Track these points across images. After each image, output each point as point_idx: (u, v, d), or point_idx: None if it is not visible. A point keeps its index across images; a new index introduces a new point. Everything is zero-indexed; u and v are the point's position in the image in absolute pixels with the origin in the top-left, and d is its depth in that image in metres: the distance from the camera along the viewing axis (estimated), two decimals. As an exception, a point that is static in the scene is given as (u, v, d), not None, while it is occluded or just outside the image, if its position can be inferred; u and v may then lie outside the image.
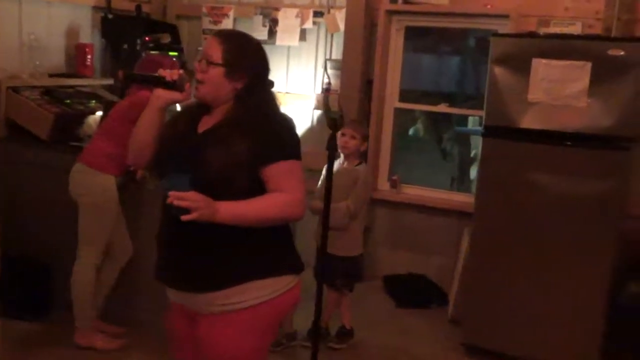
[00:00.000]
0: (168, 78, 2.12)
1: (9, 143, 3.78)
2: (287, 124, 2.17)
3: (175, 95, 2.14)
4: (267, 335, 2.21)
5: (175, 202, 1.89)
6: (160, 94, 2.15)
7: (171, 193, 1.90)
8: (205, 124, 2.18)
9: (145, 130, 2.18)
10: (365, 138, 3.83)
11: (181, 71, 2.14)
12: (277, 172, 2.07)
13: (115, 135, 3.34)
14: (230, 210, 1.99)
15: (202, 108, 2.20)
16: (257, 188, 2.06)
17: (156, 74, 2.14)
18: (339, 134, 3.58)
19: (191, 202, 1.90)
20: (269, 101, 2.21)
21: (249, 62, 2.18)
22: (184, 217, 1.91)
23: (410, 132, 8.53)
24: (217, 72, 2.12)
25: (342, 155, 3.79)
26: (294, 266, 2.22)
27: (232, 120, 2.12)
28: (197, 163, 2.04)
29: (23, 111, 3.95)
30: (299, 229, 3.82)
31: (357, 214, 3.72)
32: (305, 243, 4.17)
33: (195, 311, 2.17)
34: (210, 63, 2.12)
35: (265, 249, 2.13)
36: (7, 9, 4.05)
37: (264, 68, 2.25)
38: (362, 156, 3.89)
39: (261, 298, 2.11)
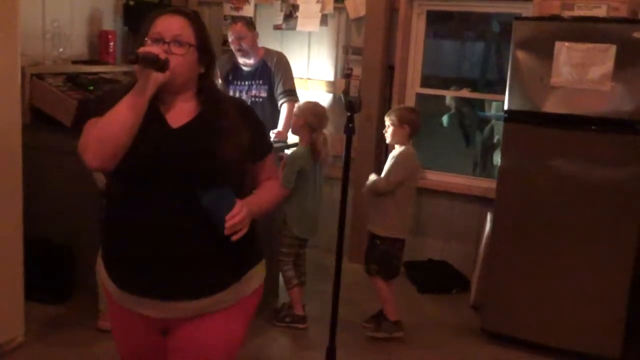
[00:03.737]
0: (162, 56, 1.80)
1: (33, 129, 3.81)
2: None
3: (161, 76, 1.82)
4: (249, 324, 2.10)
5: (233, 228, 1.78)
6: (157, 77, 1.80)
7: (230, 222, 1.77)
8: (174, 115, 1.91)
9: (131, 126, 1.79)
10: (401, 121, 3.80)
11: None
12: (270, 162, 2.09)
13: None
14: (257, 208, 1.93)
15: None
16: (247, 180, 2.04)
17: (149, 52, 1.79)
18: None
19: (244, 220, 1.81)
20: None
21: (212, 45, 2.01)
22: (236, 237, 1.81)
23: (445, 121, 8.42)
24: (194, 56, 1.90)
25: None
26: (262, 252, 2.16)
27: (219, 109, 1.94)
28: (205, 161, 1.84)
29: (47, 98, 3.99)
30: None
31: (386, 191, 3.75)
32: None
33: (179, 319, 1.93)
34: (190, 45, 1.88)
35: (252, 237, 2.04)
36: (31, -4, 4.10)
37: None
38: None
39: (254, 286, 2.04)
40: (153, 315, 1.92)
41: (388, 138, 3.89)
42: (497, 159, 6.91)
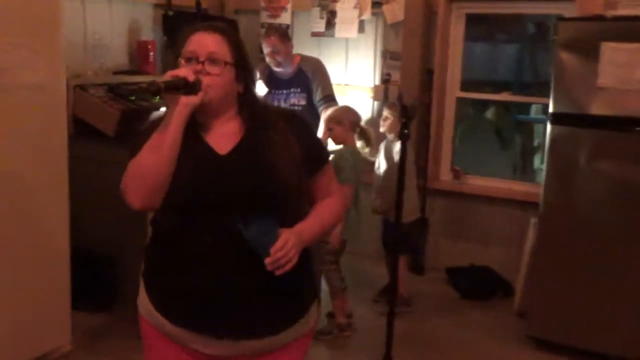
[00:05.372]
0: (190, 78, 1.68)
1: (76, 140, 3.85)
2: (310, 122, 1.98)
3: (195, 98, 1.70)
4: None
5: (275, 264, 1.65)
6: (188, 101, 1.69)
7: (271, 257, 1.65)
8: (219, 140, 1.78)
9: (166, 159, 1.68)
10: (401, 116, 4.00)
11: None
12: (327, 175, 1.91)
13: None
14: (309, 234, 1.78)
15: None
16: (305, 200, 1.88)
17: (176, 76, 1.68)
18: (382, 118, 4.21)
19: (291, 255, 1.67)
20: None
21: (250, 61, 1.87)
22: (279, 272, 1.66)
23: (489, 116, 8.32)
24: (231, 75, 1.77)
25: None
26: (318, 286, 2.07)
27: (265, 125, 1.80)
28: (262, 185, 1.73)
29: (90, 108, 4.04)
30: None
31: None
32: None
33: (240, 356, 1.81)
34: (226, 63, 1.75)
35: (311, 270, 1.94)
36: (72, 8, 4.14)
37: None
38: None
39: (312, 323, 1.92)
40: (213, 353, 1.79)
41: (385, 129, 4.17)
42: (537, 162, 6.86)
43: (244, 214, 1.69)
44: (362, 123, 4.02)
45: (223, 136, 1.78)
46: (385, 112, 4.20)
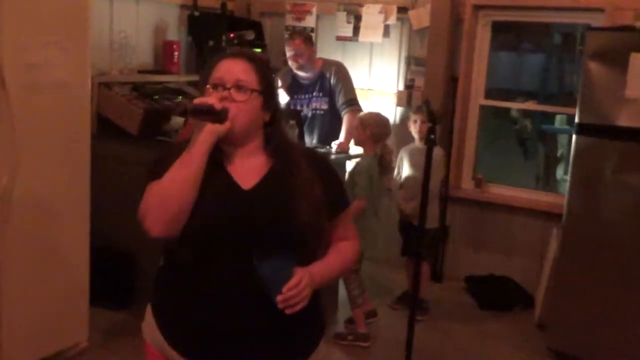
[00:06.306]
0: (217, 105, 1.67)
1: (100, 138, 3.88)
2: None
3: (221, 127, 1.68)
4: None
5: (286, 302, 1.64)
6: (213, 129, 1.66)
7: (283, 295, 1.63)
8: (243, 173, 1.76)
9: (190, 187, 1.65)
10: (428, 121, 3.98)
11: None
12: (346, 219, 1.90)
13: None
14: (322, 276, 1.77)
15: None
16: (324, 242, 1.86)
17: (203, 103, 1.67)
18: (411, 122, 4.24)
19: (304, 294, 1.66)
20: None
21: (276, 89, 1.87)
22: (290, 311, 1.65)
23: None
24: (257, 103, 1.75)
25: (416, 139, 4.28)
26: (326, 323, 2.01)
27: (290, 163, 1.78)
28: (283, 225, 1.71)
29: (114, 106, 4.06)
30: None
31: None
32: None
33: None
34: (253, 91, 1.73)
35: (320, 307, 1.90)
36: (99, 8, 4.17)
37: None
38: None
39: (323, 347, 1.90)
40: None
41: (417, 134, 4.20)
42: (560, 173, 6.79)
43: (261, 250, 1.66)
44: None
45: (247, 170, 1.76)
46: (414, 116, 4.23)
